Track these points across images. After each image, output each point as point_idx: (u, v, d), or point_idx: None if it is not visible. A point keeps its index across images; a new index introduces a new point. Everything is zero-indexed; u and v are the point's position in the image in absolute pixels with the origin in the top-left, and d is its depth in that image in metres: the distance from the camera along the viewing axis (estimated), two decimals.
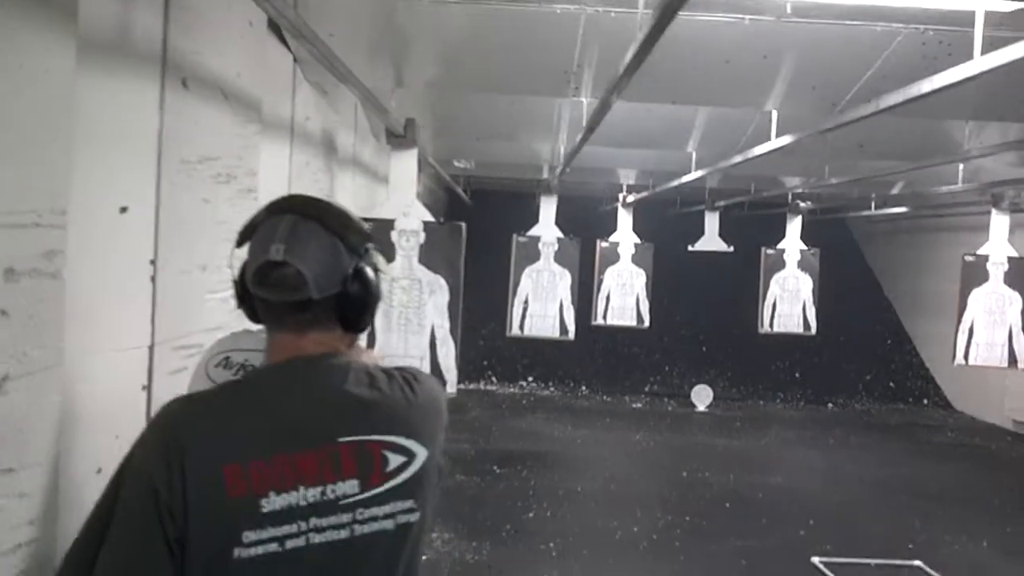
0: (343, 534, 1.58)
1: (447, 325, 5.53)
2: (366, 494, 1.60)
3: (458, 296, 5.54)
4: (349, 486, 1.58)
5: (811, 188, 10.51)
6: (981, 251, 8.82)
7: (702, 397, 12.73)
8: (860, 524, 7.39)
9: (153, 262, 2.87)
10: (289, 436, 1.58)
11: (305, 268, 1.62)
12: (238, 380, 1.76)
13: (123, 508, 1.55)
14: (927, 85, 3.61)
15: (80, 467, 2.51)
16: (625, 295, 10.95)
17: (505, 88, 5.93)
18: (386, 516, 1.61)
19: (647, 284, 10.96)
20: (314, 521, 1.56)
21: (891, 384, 14.36)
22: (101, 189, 2.57)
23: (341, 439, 1.60)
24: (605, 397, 12.66)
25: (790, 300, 11.27)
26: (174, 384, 2.71)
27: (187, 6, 3.03)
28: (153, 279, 2.88)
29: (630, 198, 11.30)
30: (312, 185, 5.28)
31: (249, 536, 1.52)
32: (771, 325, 11.26)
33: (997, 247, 8.79)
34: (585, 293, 10.35)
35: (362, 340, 2.10)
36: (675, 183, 9.38)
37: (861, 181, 8.92)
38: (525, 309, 9.30)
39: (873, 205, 12.69)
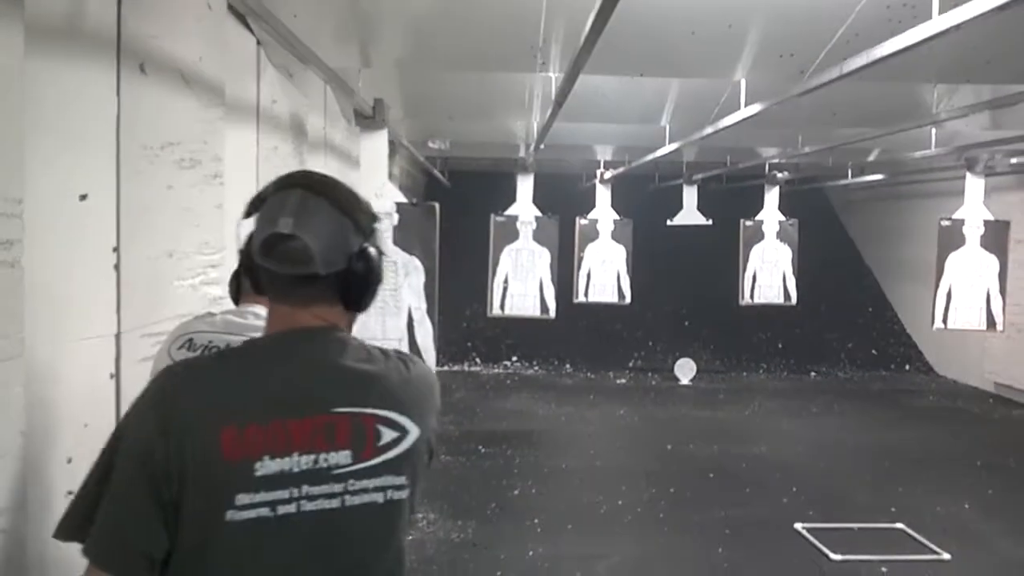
0: (333, 504, 1.60)
1: (424, 306, 5.53)
2: (358, 466, 1.62)
3: (434, 276, 5.54)
4: (342, 456, 1.61)
5: (787, 158, 10.54)
6: (957, 215, 8.87)
7: (685, 371, 12.77)
8: (843, 490, 7.44)
9: (116, 250, 2.85)
10: (286, 403, 1.60)
11: (313, 243, 1.63)
12: (237, 347, 1.75)
13: (118, 470, 1.57)
14: (890, 47, 3.61)
15: (49, 457, 2.50)
16: (606, 272, 10.98)
17: (473, 65, 5.91)
18: (376, 489, 1.63)
19: (627, 260, 10.98)
20: (306, 488, 1.58)
21: (873, 351, 14.43)
22: (60, 177, 2.55)
23: (336, 410, 1.62)
24: (589, 374, 12.69)
25: (770, 271, 11.32)
26: (143, 372, 2.69)
27: None
28: (117, 267, 2.86)
29: (608, 174, 11.30)
30: (282, 170, 5.24)
31: (242, 499, 1.54)
32: (752, 297, 11.31)
33: (973, 211, 8.85)
34: (566, 271, 10.37)
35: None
36: (651, 157, 9.38)
37: (836, 149, 8.93)
38: (505, 289, 9.30)
39: (850, 173, 12.72)
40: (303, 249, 1.62)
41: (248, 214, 1.77)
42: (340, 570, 1.63)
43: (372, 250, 1.73)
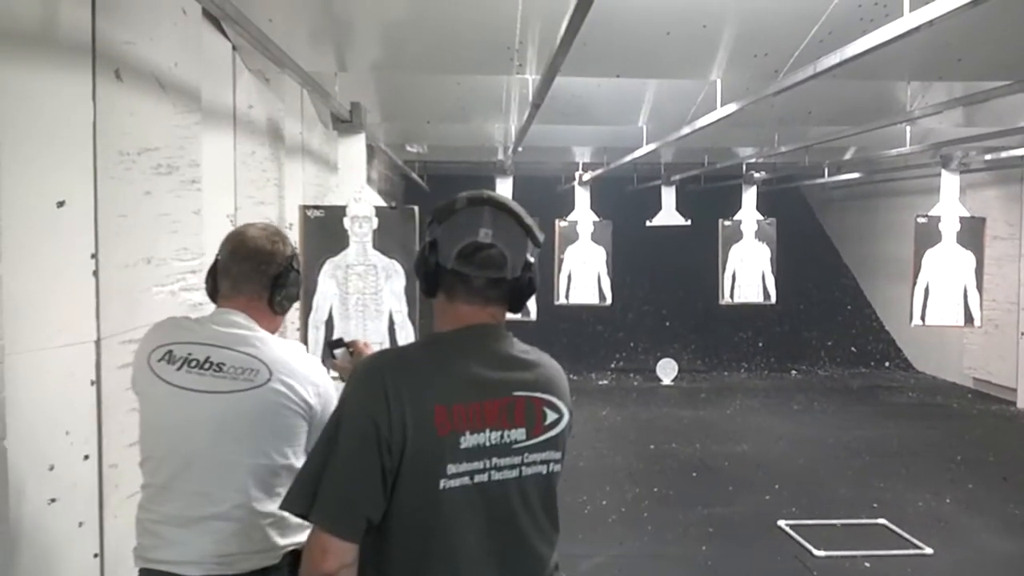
0: (514, 474, 1.87)
1: (405, 309, 5.52)
2: (530, 441, 1.90)
3: (414, 280, 5.53)
4: (519, 433, 1.88)
5: (764, 158, 10.58)
6: (933, 212, 8.92)
7: (667, 371, 12.80)
8: (825, 487, 7.48)
9: (95, 256, 2.85)
10: (478, 386, 1.86)
11: (507, 251, 1.92)
12: (431, 339, 1.98)
13: (344, 445, 1.78)
14: (862, 44, 3.64)
15: (30, 464, 2.49)
16: (586, 273, 10.99)
17: (449, 68, 5.92)
18: (542, 462, 1.92)
19: (608, 261, 11.00)
20: (495, 460, 1.85)
21: (852, 348, 14.52)
22: (36, 184, 2.55)
23: (515, 393, 1.90)
24: (571, 375, 12.62)
25: (749, 270, 11.35)
26: (124, 378, 2.69)
27: None
28: (95, 273, 2.86)
29: (587, 176, 11.32)
30: (260, 175, 5.25)
31: (451, 468, 1.80)
32: (732, 296, 11.34)
33: (948, 207, 8.90)
34: (546, 273, 10.36)
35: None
36: (629, 158, 9.41)
37: (812, 148, 8.98)
38: None
39: (826, 172, 12.79)
40: (499, 256, 1.91)
41: (438, 220, 1.96)
42: (520, 530, 1.89)
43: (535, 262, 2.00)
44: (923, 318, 8.92)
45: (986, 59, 5.43)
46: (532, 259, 1.98)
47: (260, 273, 2.43)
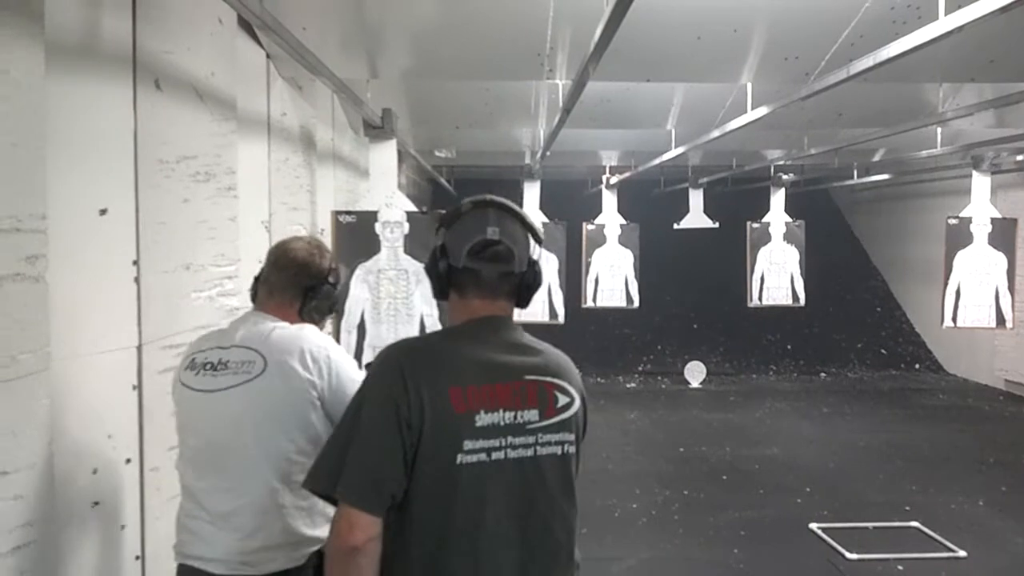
0: (529, 452, 1.98)
1: (436, 313, 5.55)
2: (544, 422, 2.01)
3: None
4: (532, 414, 1.99)
5: (793, 160, 10.54)
6: (964, 213, 8.86)
7: (695, 374, 12.77)
8: (857, 489, 7.44)
9: (136, 263, 2.89)
10: (490, 371, 1.98)
11: (513, 247, 2.07)
12: (444, 330, 2.17)
13: (367, 425, 1.90)
14: (896, 48, 3.63)
15: (75, 468, 2.54)
16: (614, 276, 10.98)
17: (480, 74, 5.94)
18: (556, 443, 2.02)
19: (635, 264, 10.98)
20: (510, 439, 1.95)
21: (882, 351, 14.43)
22: (79, 192, 2.59)
23: (527, 377, 2.02)
24: (599, 379, 12.69)
25: (777, 273, 11.30)
26: (164, 382, 2.74)
27: (155, 5, 3.04)
28: (137, 280, 2.90)
29: (614, 179, 11.32)
30: (293, 181, 5.30)
31: (468, 445, 1.91)
32: (760, 299, 11.29)
33: (980, 208, 8.84)
34: (574, 276, 10.38)
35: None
36: (657, 161, 9.40)
37: (841, 150, 8.95)
38: None
39: (855, 174, 12.72)
40: (507, 251, 2.07)
41: (446, 225, 2.12)
42: (537, 508, 1.99)
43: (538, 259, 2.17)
44: (954, 320, 8.85)
45: (1018, 60, 5.39)
46: (535, 256, 2.14)
47: (293, 284, 2.53)
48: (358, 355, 5.42)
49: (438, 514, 1.91)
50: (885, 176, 12.61)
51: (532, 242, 2.14)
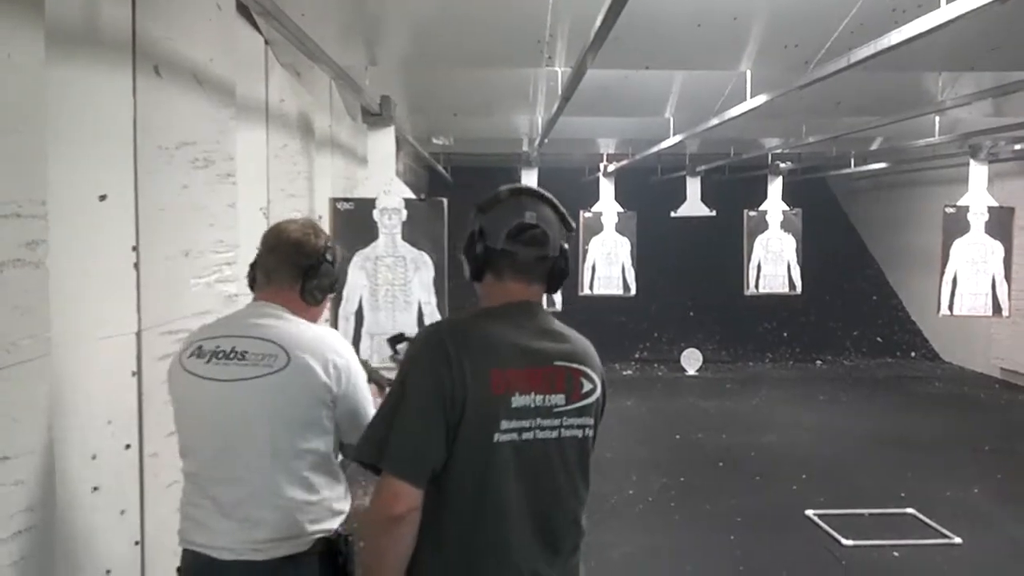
0: (554, 435, 2.08)
1: (434, 300, 5.56)
2: (569, 407, 2.10)
3: (443, 271, 5.57)
4: (559, 398, 2.09)
5: (790, 148, 10.55)
6: (961, 202, 8.88)
7: (691, 361, 12.79)
8: (853, 477, 7.47)
9: (135, 249, 2.89)
10: (527, 355, 2.08)
11: (549, 231, 2.17)
12: (481, 312, 2.19)
13: (413, 401, 1.99)
14: (896, 36, 3.64)
15: (75, 453, 2.54)
16: (610, 264, 11.01)
17: (479, 61, 5.93)
18: (578, 427, 2.12)
19: (632, 252, 11.01)
20: (539, 420, 2.05)
21: (878, 339, 14.46)
22: (79, 178, 2.59)
23: (556, 363, 2.11)
24: None
25: (774, 261, 11.33)
26: (163, 369, 2.72)
27: None
28: (136, 266, 2.90)
29: (611, 167, 11.32)
30: (291, 168, 5.29)
31: (504, 424, 2.01)
32: (757, 286, 11.33)
33: (977, 197, 8.85)
34: (571, 264, 10.36)
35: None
36: (655, 149, 9.40)
37: (840, 138, 8.95)
38: None
39: (853, 162, 12.74)
40: (543, 235, 2.15)
41: (482, 211, 2.22)
42: (557, 485, 2.10)
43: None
44: (951, 308, 8.88)
45: (1018, 49, 5.39)
46: (565, 245, 2.22)
47: (291, 264, 2.49)
48: (356, 342, 5.42)
49: (472, 489, 2.01)
50: (883, 165, 12.63)
51: (563, 229, 2.23)
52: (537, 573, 2.09)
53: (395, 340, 2.86)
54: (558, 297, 9.53)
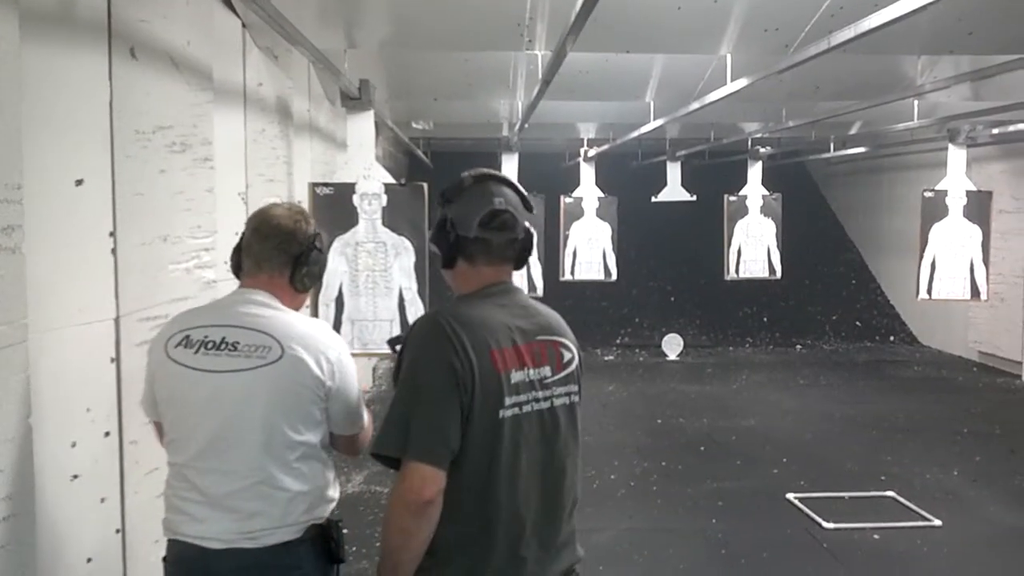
0: (547, 404, 2.21)
1: (415, 286, 5.53)
2: (555, 377, 2.24)
3: (424, 257, 5.54)
4: (546, 371, 2.23)
5: (770, 133, 10.56)
6: (940, 186, 8.91)
7: (672, 346, 12.82)
8: (833, 460, 7.51)
9: (113, 234, 2.86)
10: (515, 333, 2.19)
11: (516, 214, 2.27)
12: (467, 298, 2.26)
13: (427, 388, 2.07)
14: (876, 19, 3.63)
15: (53, 441, 2.51)
16: (591, 249, 11.00)
17: (459, 45, 5.90)
18: (565, 394, 2.26)
19: (613, 237, 11.00)
20: (533, 393, 2.18)
21: (857, 323, 14.54)
22: (55, 163, 2.56)
23: (538, 338, 2.24)
24: None
25: (754, 245, 11.35)
26: (143, 355, 2.70)
27: None
28: (114, 251, 2.87)
29: (591, 152, 11.30)
30: (269, 152, 5.25)
31: (507, 400, 2.13)
32: (737, 271, 11.34)
33: (955, 181, 8.88)
34: (552, 250, 10.38)
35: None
36: (635, 134, 9.39)
37: (819, 123, 8.96)
38: None
39: (832, 147, 12.77)
40: (512, 218, 2.25)
41: (448, 200, 2.28)
42: (554, 450, 2.23)
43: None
44: (929, 292, 8.92)
45: (996, 33, 5.41)
46: (528, 224, 2.33)
47: (281, 251, 2.46)
48: (336, 328, 5.39)
49: (484, 465, 2.11)
50: (862, 149, 12.67)
51: (526, 211, 2.32)
52: (544, 534, 2.22)
53: (395, 341, 2.85)
54: (539, 282, 9.54)
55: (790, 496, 6.44)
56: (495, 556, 2.14)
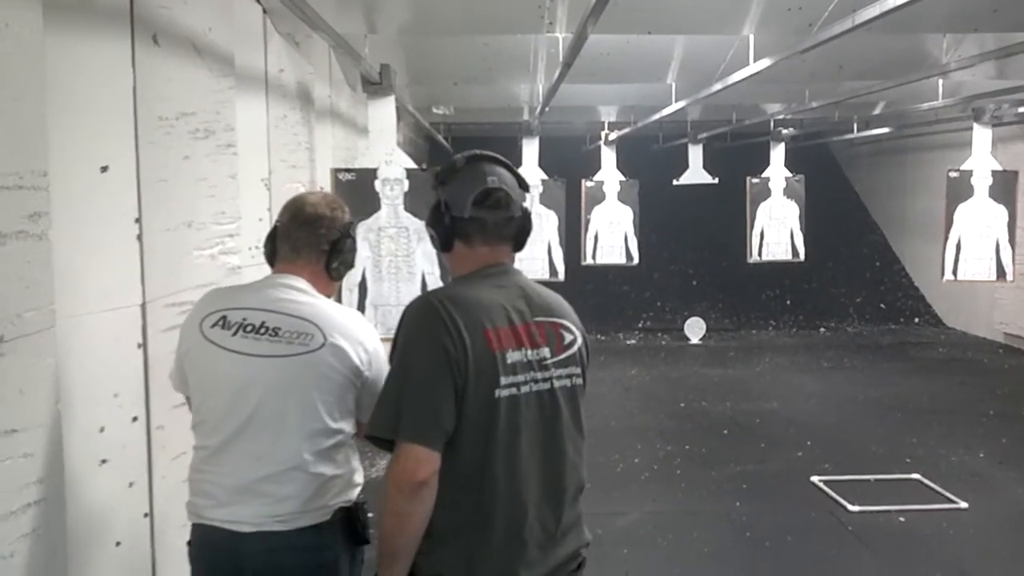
0: (546, 386, 2.19)
1: (437, 271, 5.54)
2: (555, 358, 2.22)
3: None
4: (545, 352, 2.20)
5: (793, 114, 10.48)
6: (965, 166, 8.82)
7: (695, 330, 12.79)
8: (857, 443, 7.48)
9: (138, 220, 2.87)
10: (512, 313, 2.18)
11: (511, 192, 2.26)
12: (463, 280, 2.26)
13: (421, 368, 2.07)
14: None
15: (82, 425, 2.53)
16: (613, 233, 10.96)
17: (479, 28, 5.88)
18: (567, 376, 2.24)
19: (634, 221, 10.96)
20: (532, 374, 2.16)
21: (882, 305, 14.45)
22: (80, 149, 2.57)
23: (536, 319, 2.22)
24: (599, 336, 12.69)
25: (777, 228, 11.28)
26: (169, 340, 2.72)
27: None
28: (139, 238, 2.88)
29: (613, 135, 11.26)
30: (291, 139, 5.26)
31: (503, 380, 2.11)
32: (760, 254, 11.29)
33: (980, 161, 8.80)
34: (573, 234, 10.36)
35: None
36: (656, 116, 9.35)
37: (842, 103, 8.89)
38: None
39: (855, 127, 12.67)
40: (507, 197, 2.25)
41: (442, 182, 2.28)
42: (555, 434, 2.21)
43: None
44: (955, 273, 8.85)
45: (1022, 10, 5.34)
46: (526, 204, 2.32)
47: (319, 238, 2.49)
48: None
49: (481, 442, 2.10)
50: (885, 129, 12.56)
51: (521, 190, 2.31)
52: (547, 517, 2.20)
53: None
54: (560, 266, 9.52)
55: (814, 479, 6.42)
56: (495, 538, 2.13)
